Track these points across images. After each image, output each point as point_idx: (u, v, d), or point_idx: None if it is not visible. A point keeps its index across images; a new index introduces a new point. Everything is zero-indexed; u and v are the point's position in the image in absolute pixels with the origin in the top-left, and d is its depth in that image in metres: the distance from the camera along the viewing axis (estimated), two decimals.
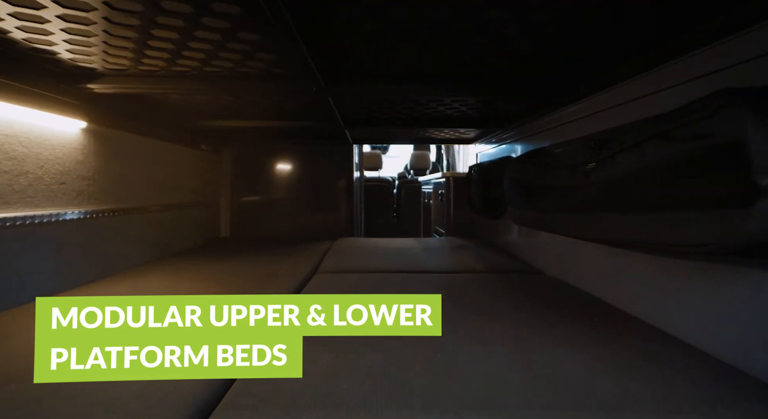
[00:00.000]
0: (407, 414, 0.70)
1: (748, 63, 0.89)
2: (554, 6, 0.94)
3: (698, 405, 0.72)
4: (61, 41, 1.13)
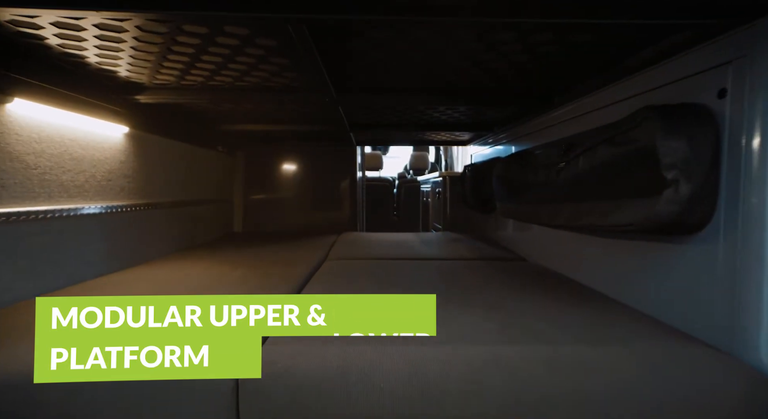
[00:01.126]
0: (412, 345, 0.95)
1: (666, 86, 1.15)
2: (519, 40, 1.20)
3: (618, 340, 0.98)
4: (126, 63, 1.39)
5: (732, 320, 0.95)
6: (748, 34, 0.91)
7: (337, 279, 1.67)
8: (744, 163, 0.93)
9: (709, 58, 1.01)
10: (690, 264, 1.07)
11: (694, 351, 0.94)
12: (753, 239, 0.90)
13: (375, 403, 0.86)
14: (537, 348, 0.94)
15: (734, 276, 0.94)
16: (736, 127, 0.94)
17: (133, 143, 2.02)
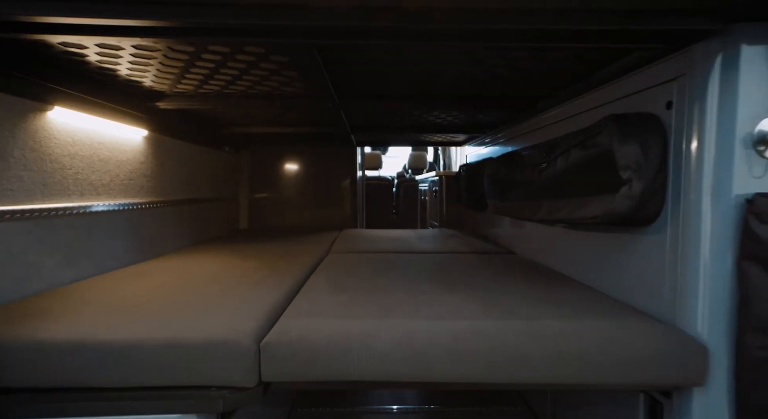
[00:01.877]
0: (405, 319, 1.12)
1: (628, 97, 1.32)
2: (500, 57, 1.37)
3: (580, 316, 1.16)
4: (152, 75, 1.56)
5: (675, 298, 1.12)
6: (687, 56, 1.08)
7: (339, 269, 1.84)
8: (684, 164, 1.10)
9: (659, 75, 1.18)
10: (644, 252, 1.25)
11: (643, 324, 1.11)
12: (691, 230, 1.08)
13: (373, 364, 1.03)
14: (511, 322, 1.12)
15: (677, 261, 1.12)
16: (679, 134, 1.12)
17: (151, 145, 2.19)
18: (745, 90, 1.00)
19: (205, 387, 1.01)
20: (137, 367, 0.99)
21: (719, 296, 1.04)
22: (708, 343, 1.04)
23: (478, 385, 1.06)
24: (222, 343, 1.00)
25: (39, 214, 1.43)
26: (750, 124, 1.01)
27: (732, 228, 1.02)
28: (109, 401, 0.99)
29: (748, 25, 0.99)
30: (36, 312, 1.17)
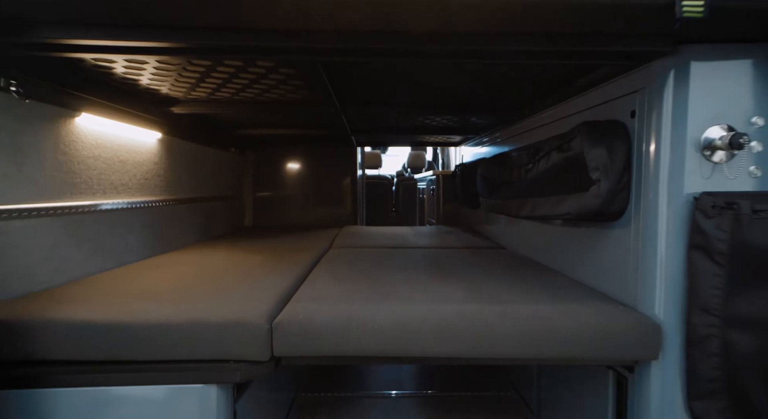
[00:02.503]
0: (399, 304, 1.27)
1: (600, 106, 1.47)
2: (486, 69, 1.52)
3: (554, 300, 1.31)
4: (169, 84, 1.71)
5: (636, 285, 1.27)
6: (647, 72, 1.23)
7: (341, 262, 1.99)
8: (645, 167, 1.25)
9: (624, 87, 1.33)
10: (612, 244, 1.40)
11: (609, 307, 1.26)
12: (649, 225, 1.23)
13: (372, 342, 1.18)
14: (492, 306, 1.27)
15: (638, 253, 1.27)
16: (641, 139, 1.27)
17: (164, 147, 2.34)
18: (694, 101, 1.15)
19: (224, 361, 1.16)
20: (166, 344, 1.14)
21: (673, 282, 1.19)
22: (663, 323, 1.19)
23: (462, 360, 1.21)
24: (239, 323, 1.15)
25: (69, 211, 1.58)
26: (699, 131, 1.15)
27: (683, 222, 1.17)
28: (142, 372, 1.14)
29: (696, 46, 1.14)
30: (73, 297, 1.33)
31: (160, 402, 1.15)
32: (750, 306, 1.06)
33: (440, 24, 1.05)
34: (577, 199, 1.39)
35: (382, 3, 0.95)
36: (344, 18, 1.01)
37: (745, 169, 1.14)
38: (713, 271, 1.09)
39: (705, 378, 1.12)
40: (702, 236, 1.11)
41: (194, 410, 1.16)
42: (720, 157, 1.14)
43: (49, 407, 1.13)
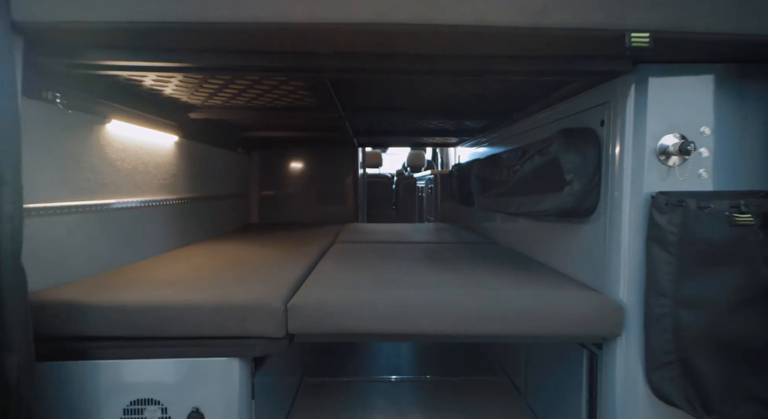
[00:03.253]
0: (398, 290, 1.45)
1: (576, 115, 1.65)
2: (477, 83, 1.70)
3: (533, 286, 1.49)
4: (190, 93, 1.89)
5: (604, 272, 1.45)
6: (612, 86, 1.41)
7: (344, 256, 2.17)
8: (611, 169, 1.43)
9: (595, 99, 1.51)
10: (585, 238, 1.58)
11: (581, 292, 1.45)
12: (615, 220, 1.41)
13: (373, 321, 1.36)
14: (478, 290, 1.45)
15: (606, 244, 1.45)
16: (608, 145, 1.44)
17: (180, 149, 2.52)
18: (652, 112, 1.33)
19: (245, 338, 1.34)
20: (194, 322, 1.32)
21: (634, 269, 1.37)
22: (625, 305, 1.37)
23: (452, 337, 1.40)
24: (258, 305, 1.33)
25: (101, 209, 1.77)
26: (656, 138, 1.33)
27: (643, 218, 1.35)
28: (174, 347, 1.33)
29: (653, 65, 1.32)
30: (110, 284, 1.51)
31: (190, 373, 1.34)
32: (695, 289, 1.24)
33: (432, 48, 1.23)
34: (555, 198, 1.57)
35: (381, 31, 1.13)
36: (350, 43, 1.19)
37: (695, 172, 1.32)
38: (666, 260, 1.27)
39: (660, 352, 1.30)
40: (657, 229, 1.29)
41: (218, 381, 1.34)
42: (673, 162, 1.32)
43: (93, 376, 1.31)
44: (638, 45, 1.08)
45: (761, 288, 1.21)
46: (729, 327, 1.23)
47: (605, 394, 1.44)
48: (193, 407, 1.33)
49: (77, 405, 1.30)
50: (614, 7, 1.08)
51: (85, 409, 1.30)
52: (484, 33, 1.12)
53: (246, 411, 1.37)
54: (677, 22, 1.09)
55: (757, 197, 1.23)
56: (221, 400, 1.34)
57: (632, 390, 1.37)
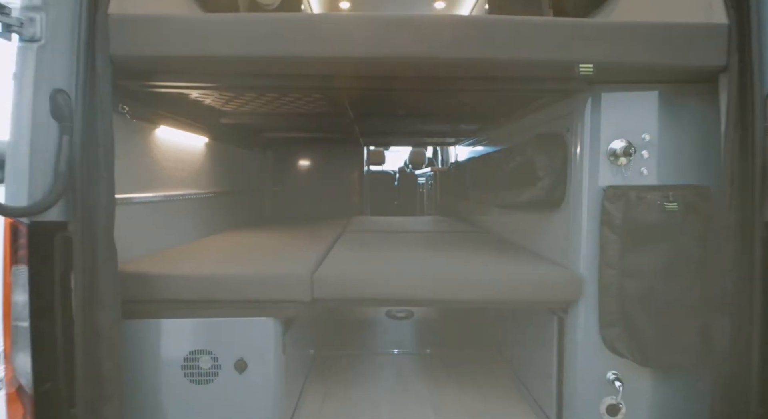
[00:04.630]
0: (399, 266, 1.79)
1: (550, 122, 1.99)
2: (468, 96, 2.04)
3: (511, 264, 1.83)
4: (224, 102, 2.23)
5: (568, 251, 1.79)
6: (574, 100, 1.75)
7: (354, 242, 2.51)
8: (575, 167, 1.76)
9: (562, 110, 1.85)
10: (555, 225, 1.92)
11: (549, 267, 1.79)
12: (577, 209, 1.74)
13: (381, 287, 1.70)
14: (467, 266, 1.79)
15: (570, 229, 1.78)
16: (572, 148, 1.78)
17: (208, 149, 2.86)
18: (604, 121, 1.66)
19: (279, 301, 1.68)
20: (239, 289, 1.66)
21: (591, 248, 1.70)
22: (584, 276, 1.71)
23: (443, 302, 1.74)
24: (290, 275, 1.68)
25: (152, 200, 2.11)
26: (607, 143, 1.66)
27: (598, 206, 1.68)
28: (224, 308, 1.67)
29: (604, 84, 1.65)
30: (171, 260, 1.86)
31: (235, 330, 1.68)
32: (635, 262, 1.58)
33: (431, 73, 1.57)
34: (530, 191, 1.91)
35: (392, 61, 1.47)
36: (366, 69, 1.53)
37: (637, 170, 1.65)
38: (613, 239, 1.61)
39: (609, 313, 1.64)
40: (607, 215, 1.62)
41: (258, 337, 1.69)
42: (621, 162, 1.65)
43: (161, 332, 1.66)
44: (585, 72, 1.42)
45: (685, 260, 1.55)
46: (661, 292, 1.57)
47: (570, 350, 1.78)
48: (238, 357, 1.67)
49: (149, 354, 1.65)
50: (566, 45, 1.42)
51: (155, 358, 1.65)
52: (470, 63, 1.46)
53: (278, 363, 1.72)
54: (614, 56, 1.43)
55: (682, 190, 1.56)
56: (260, 352, 1.68)
57: (590, 345, 1.71)
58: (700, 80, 1.56)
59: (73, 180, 1.38)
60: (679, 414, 1.66)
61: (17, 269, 1.34)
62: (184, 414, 1.66)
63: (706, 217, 1.55)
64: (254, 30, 1.41)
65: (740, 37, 1.41)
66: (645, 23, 1.45)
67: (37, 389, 1.36)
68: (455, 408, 2.14)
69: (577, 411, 1.73)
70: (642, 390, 1.68)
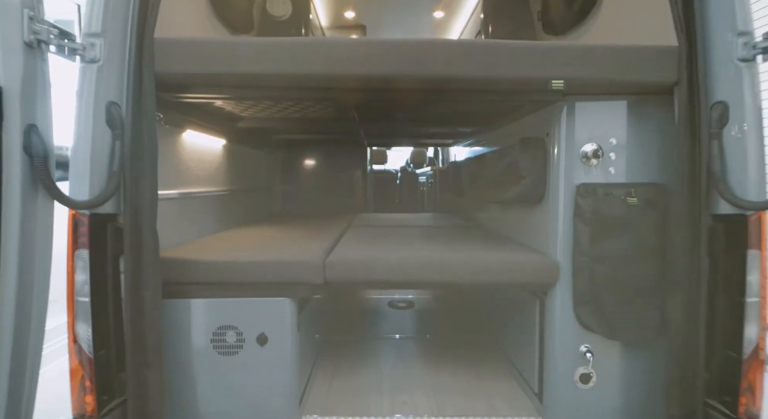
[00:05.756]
0: (402, 253, 2.05)
1: (533, 127, 2.24)
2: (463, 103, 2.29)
3: (498, 251, 2.09)
4: (242, 108, 2.49)
5: (547, 241, 2.04)
6: (553, 108, 1.99)
7: (360, 234, 2.77)
8: (553, 167, 2.01)
9: (543, 117, 2.10)
10: (537, 218, 2.17)
11: (531, 254, 2.04)
12: (555, 204, 1.99)
13: (386, 272, 1.96)
14: (455, 253, 2.05)
15: (548, 222, 2.03)
16: (551, 150, 2.03)
17: (225, 150, 3.12)
18: (578, 127, 1.91)
19: (296, 283, 1.94)
20: (260, 273, 1.92)
21: (567, 237, 1.95)
22: (560, 262, 1.96)
23: (438, 284, 2.00)
24: (305, 261, 1.94)
25: (178, 197, 2.37)
26: (580, 146, 1.91)
27: (572, 202, 1.93)
28: (245, 289, 1.93)
29: (577, 96, 1.90)
30: (197, 249, 2.12)
31: (257, 308, 1.93)
32: (603, 249, 1.83)
33: (425, 86, 1.83)
34: (516, 188, 2.17)
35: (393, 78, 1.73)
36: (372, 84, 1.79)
37: (606, 170, 1.90)
38: (584, 230, 1.86)
39: (581, 293, 1.89)
40: (579, 209, 1.88)
41: (277, 314, 1.94)
42: (592, 162, 1.90)
43: (193, 310, 1.92)
44: (557, 87, 1.67)
45: (643, 248, 1.80)
46: (625, 274, 1.82)
47: (549, 327, 2.03)
48: (260, 332, 1.93)
49: (184, 329, 1.91)
50: (541, 65, 1.68)
51: (188, 332, 1.91)
52: (458, 80, 1.72)
53: (293, 338, 1.97)
54: (580, 74, 1.68)
55: (642, 187, 1.82)
56: (278, 329, 1.94)
57: (565, 322, 1.96)
58: (660, 92, 1.80)
59: (124, 179, 1.64)
60: (641, 380, 1.92)
61: (79, 253, 1.60)
62: (214, 381, 1.92)
63: (662, 210, 1.80)
64: (275, 52, 1.67)
65: (689, 57, 1.66)
66: (606, 46, 1.70)
67: (95, 354, 1.62)
68: (450, 384, 2.40)
69: (555, 381, 1.99)
70: (610, 361, 1.93)
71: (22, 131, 1.37)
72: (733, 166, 1.63)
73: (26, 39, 1.35)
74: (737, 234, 1.63)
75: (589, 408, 1.95)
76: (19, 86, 1.35)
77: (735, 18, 1.59)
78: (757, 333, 1.63)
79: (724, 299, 1.68)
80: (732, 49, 1.60)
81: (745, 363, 1.63)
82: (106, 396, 1.66)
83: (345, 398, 2.24)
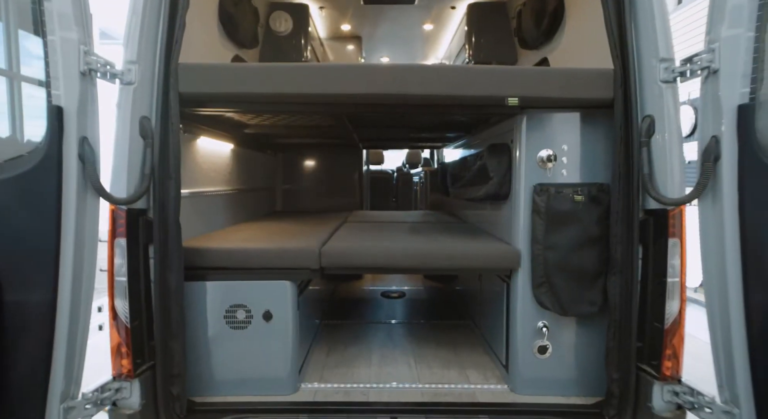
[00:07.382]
0: (389, 244, 2.39)
1: (502, 134, 2.58)
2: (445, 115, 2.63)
3: (473, 241, 2.43)
4: (248, 119, 2.83)
5: (511, 233, 2.38)
6: (515, 119, 2.33)
7: (354, 228, 3.11)
8: (516, 169, 2.35)
9: (508, 126, 2.44)
10: (503, 214, 2.51)
11: (497, 244, 2.38)
12: (517, 201, 2.32)
13: (375, 259, 2.30)
14: (434, 243, 2.39)
15: (512, 216, 2.37)
16: (514, 154, 2.37)
17: (232, 153, 3.46)
18: (535, 135, 2.25)
19: (295, 268, 2.28)
20: (264, 259, 2.26)
21: (526, 230, 2.29)
22: (521, 250, 2.30)
23: (420, 269, 2.34)
24: (303, 249, 2.28)
25: (194, 195, 2.71)
26: (537, 151, 2.25)
27: (530, 199, 2.27)
28: (253, 273, 2.27)
29: (534, 109, 2.23)
30: (211, 240, 2.46)
31: (263, 290, 2.27)
32: (554, 239, 2.17)
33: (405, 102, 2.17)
34: (485, 188, 2.51)
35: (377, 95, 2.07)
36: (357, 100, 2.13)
37: (559, 172, 2.24)
38: (539, 223, 2.20)
39: (537, 277, 2.23)
40: (536, 205, 2.22)
41: (279, 295, 2.28)
42: (547, 166, 2.24)
43: (208, 291, 2.26)
44: (512, 104, 2.01)
45: (588, 238, 2.14)
46: (573, 260, 2.16)
47: (513, 307, 2.37)
48: (265, 309, 2.27)
49: (201, 307, 2.25)
50: (498, 85, 2.02)
51: (205, 310, 2.25)
52: (431, 97, 2.07)
53: (294, 316, 2.31)
54: (533, 92, 2.03)
55: (588, 186, 2.16)
56: (280, 307, 2.28)
57: (526, 302, 2.30)
58: (603, 106, 2.14)
59: (153, 180, 1.98)
60: (587, 349, 2.26)
61: (117, 241, 1.94)
62: (227, 351, 2.27)
63: (604, 206, 2.14)
64: (280, 75, 2.02)
65: (623, 78, 2.00)
66: (555, 69, 2.07)
67: (130, 324, 1.96)
68: (431, 358, 2.74)
69: (518, 353, 2.33)
70: (562, 334, 2.27)
71: (77, 142, 1.71)
72: (659, 168, 1.96)
73: (81, 69, 1.70)
74: (663, 225, 1.97)
75: (546, 375, 2.29)
76: (76, 106, 1.69)
77: (658, 46, 1.93)
78: (678, 308, 1.97)
79: (653, 280, 2.01)
80: (656, 73, 1.94)
81: (667, 333, 1.97)
82: (139, 360, 2.01)
83: (338, 368, 2.59)
